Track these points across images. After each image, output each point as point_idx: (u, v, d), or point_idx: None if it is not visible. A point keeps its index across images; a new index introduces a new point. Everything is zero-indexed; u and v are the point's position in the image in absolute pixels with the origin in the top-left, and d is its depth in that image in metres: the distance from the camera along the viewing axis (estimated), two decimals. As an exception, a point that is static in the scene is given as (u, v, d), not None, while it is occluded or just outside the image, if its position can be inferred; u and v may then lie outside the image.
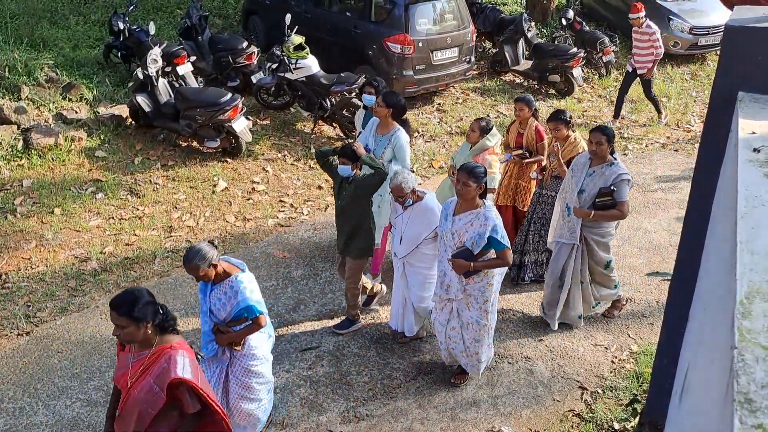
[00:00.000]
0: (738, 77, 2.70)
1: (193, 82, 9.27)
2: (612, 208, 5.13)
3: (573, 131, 5.99)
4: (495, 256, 4.58)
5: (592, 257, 5.45)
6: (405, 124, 6.11)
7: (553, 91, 11.27)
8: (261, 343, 4.31)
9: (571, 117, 5.98)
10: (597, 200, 5.13)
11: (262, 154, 8.70)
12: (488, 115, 8.58)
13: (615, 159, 5.26)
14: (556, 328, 5.71)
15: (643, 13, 9.61)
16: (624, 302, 6.02)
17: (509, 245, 4.54)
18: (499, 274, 4.79)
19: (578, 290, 5.57)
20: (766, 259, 1.60)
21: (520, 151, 6.33)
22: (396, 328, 5.54)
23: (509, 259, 4.58)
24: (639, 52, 9.75)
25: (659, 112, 10.38)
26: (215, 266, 4.01)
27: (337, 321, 5.75)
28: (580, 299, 5.62)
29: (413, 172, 8.45)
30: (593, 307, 5.79)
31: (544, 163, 6.28)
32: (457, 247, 4.56)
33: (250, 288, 4.09)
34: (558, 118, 5.88)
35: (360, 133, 6.45)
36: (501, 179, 6.40)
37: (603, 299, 5.81)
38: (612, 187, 5.10)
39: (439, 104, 10.64)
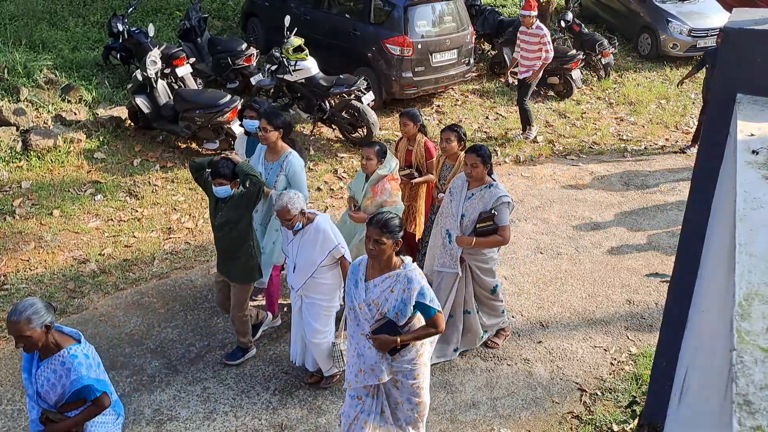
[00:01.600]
0: (736, 79, 2.70)
1: (192, 84, 9.28)
2: (493, 233, 4.81)
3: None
4: (424, 323, 3.84)
5: (478, 284, 5.14)
6: (294, 144, 5.56)
7: (552, 94, 11.28)
8: (106, 429, 3.59)
9: (465, 134, 5.63)
10: (478, 226, 4.80)
11: (262, 156, 8.70)
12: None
13: (494, 180, 4.93)
14: (456, 356, 5.35)
15: (535, 12, 8.98)
16: (509, 333, 5.65)
17: (440, 308, 3.83)
18: (430, 342, 4.09)
19: (468, 319, 5.24)
20: (764, 261, 1.60)
21: (408, 171, 5.89)
22: (298, 363, 5.05)
23: (442, 325, 3.84)
24: (526, 55, 9.10)
25: (529, 125, 9.52)
26: (47, 331, 3.33)
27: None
28: (473, 324, 5.29)
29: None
30: (481, 337, 5.41)
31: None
32: (377, 320, 3.76)
33: (87, 362, 3.39)
34: (453, 129, 5.53)
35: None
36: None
37: (490, 328, 5.45)
38: (492, 211, 4.77)
39: (438, 106, 10.65)
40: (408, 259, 3.82)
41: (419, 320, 3.83)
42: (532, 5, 8.92)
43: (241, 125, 5.87)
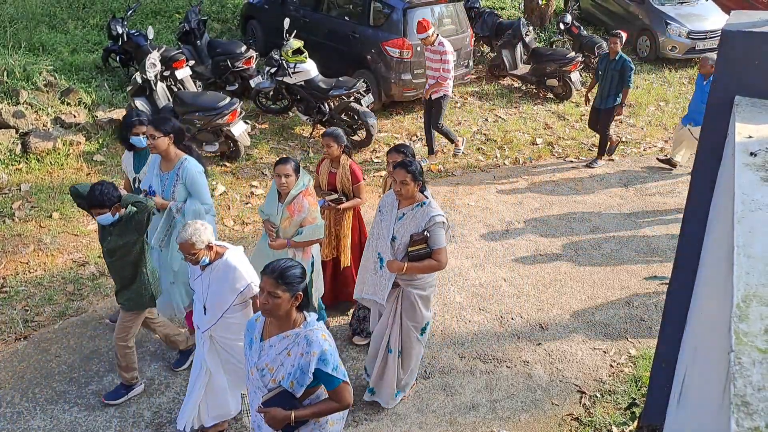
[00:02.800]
0: (735, 81, 2.71)
1: (191, 87, 9.29)
2: (427, 257, 4.30)
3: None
4: (327, 396, 3.19)
5: (411, 317, 4.55)
6: (191, 150, 5.11)
7: (551, 96, 11.30)
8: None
9: (413, 155, 5.10)
10: (410, 249, 4.32)
11: (261, 158, 8.71)
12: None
13: (426, 198, 4.43)
14: (397, 400, 4.88)
15: (431, 30, 8.28)
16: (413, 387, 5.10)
17: (346, 377, 3.17)
18: (339, 419, 3.47)
19: (387, 359, 4.68)
20: (762, 262, 1.60)
21: (335, 196, 5.42)
22: (194, 426, 4.39)
23: (348, 399, 3.19)
24: (432, 74, 8.54)
25: (452, 141, 9.11)
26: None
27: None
28: (389, 371, 4.72)
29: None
30: (394, 397, 4.84)
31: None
32: (270, 389, 3.14)
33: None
34: (399, 150, 5.05)
35: (134, 180, 5.36)
36: (326, 233, 5.43)
37: (404, 388, 4.90)
38: (425, 233, 4.29)
39: (438, 108, 10.65)
40: (312, 316, 3.20)
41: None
42: (426, 25, 8.25)
43: (130, 145, 5.27)
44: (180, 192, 4.91)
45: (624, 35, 8.79)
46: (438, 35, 8.39)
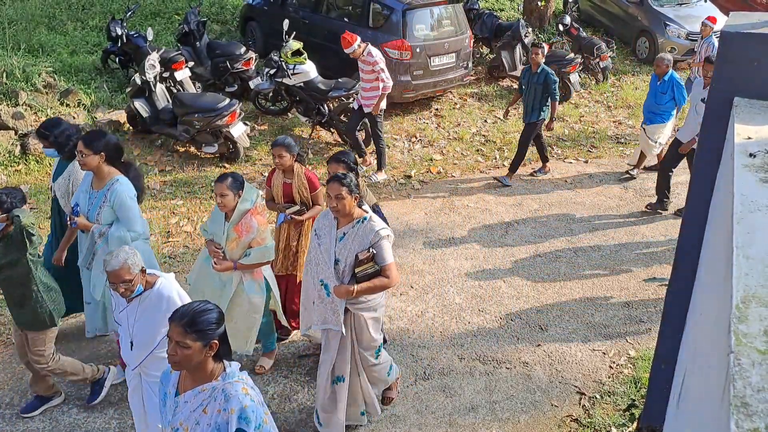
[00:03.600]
0: (734, 83, 2.71)
1: (190, 88, 9.29)
2: (377, 275, 4.06)
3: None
4: None
5: (362, 342, 4.31)
6: (129, 169, 4.73)
7: (551, 97, 11.30)
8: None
9: (355, 162, 4.75)
10: (357, 271, 4.03)
11: (260, 160, 8.71)
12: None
13: (367, 212, 4.16)
14: None
15: (356, 44, 7.74)
16: (398, 378, 4.96)
17: None
18: None
19: (357, 383, 4.46)
20: (762, 264, 1.60)
21: (296, 207, 5.16)
22: None
23: None
24: (364, 85, 8.03)
25: (379, 165, 8.43)
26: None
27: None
28: (361, 392, 4.51)
29: (411, 177, 8.46)
30: (361, 414, 4.59)
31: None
32: None
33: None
34: (339, 159, 4.70)
35: (51, 187, 5.13)
36: (280, 248, 5.25)
37: (372, 410, 4.64)
38: (371, 250, 4.03)
39: (437, 109, 10.66)
40: (233, 366, 2.82)
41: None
42: (351, 39, 7.75)
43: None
44: (106, 215, 4.52)
45: (546, 47, 8.35)
46: (368, 45, 7.87)
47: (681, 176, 8.79)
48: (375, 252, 4.04)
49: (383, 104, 8.13)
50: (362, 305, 4.19)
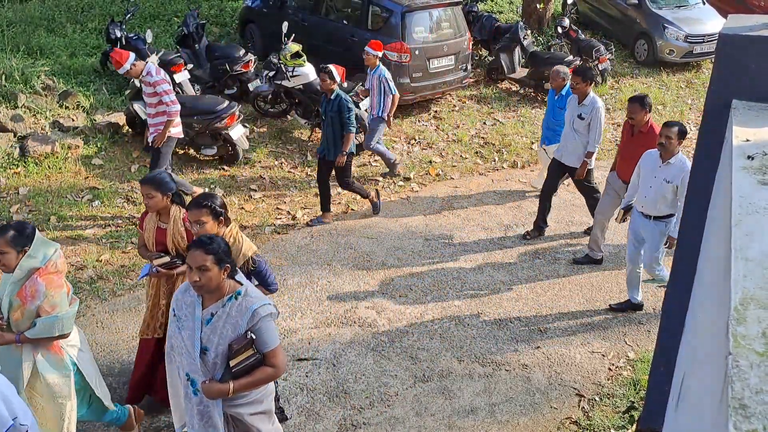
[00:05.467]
0: (732, 85, 2.71)
1: (190, 90, 9.29)
2: (258, 365, 3.20)
3: (225, 224, 3.93)
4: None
5: None
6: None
7: (550, 99, 11.32)
8: None
9: (222, 206, 3.95)
10: (232, 363, 3.16)
11: (259, 162, 8.71)
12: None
13: (241, 284, 3.29)
14: None
15: (130, 60, 6.64)
16: None
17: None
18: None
19: None
20: (760, 266, 1.60)
21: (166, 258, 4.26)
22: None
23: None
24: (149, 111, 6.91)
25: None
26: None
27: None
28: None
29: (410, 179, 8.47)
30: None
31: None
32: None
33: None
34: (202, 204, 3.86)
35: None
36: (147, 305, 4.46)
37: None
38: (249, 334, 3.16)
39: (436, 112, 10.67)
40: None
41: None
42: (119, 61, 6.61)
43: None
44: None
45: (335, 69, 7.09)
46: (146, 63, 6.76)
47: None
48: (254, 336, 3.17)
49: (178, 131, 6.96)
50: (242, 402, 3.34)
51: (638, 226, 5.82)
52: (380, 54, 8.30)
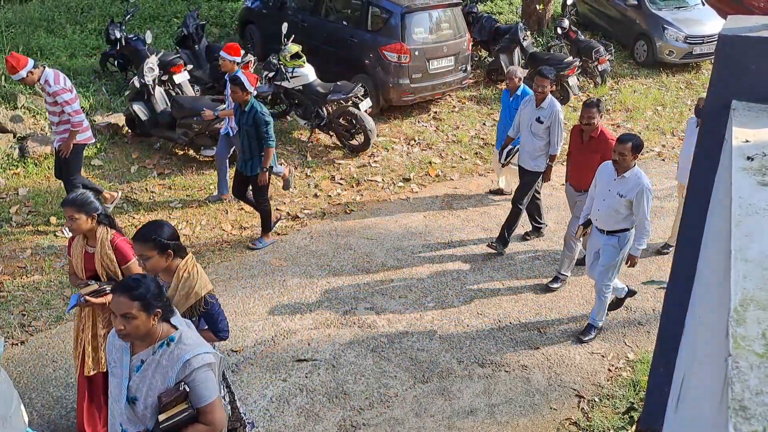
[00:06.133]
0: (732, 86, 2.71)
1: (189, 91, 9.29)
2: (192, 421, 2.84)
3: (179, 256, 3.54)
4: None
5: None
6: None
7: (549, 100, 11.31)
8: None
9: (172, 237, 3.51)
10: (161, 419, 2.81)
11: (259, 163, 8.70)
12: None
13: (176, 328, 2.93)
14: None
15: (28, 67, 6.24)
16: None
17: None
18: None
19: None
20: (760, 267, 1.60)
21: (94, 286, 3.86)
22: None
23: None
24: (52, 119, 6.62)
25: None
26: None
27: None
28: None
29: (410, 180, 8.47)
30: None
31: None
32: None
33: None
34: (145, 238, 3.41)
35: None
36: (83, 338, 4.12)
37: None
38: (182, 386, 2.82)
39: (436, 113, 10.67)
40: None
41: None
42: (15, 66, 6.23)
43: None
44: None
45: (245, 78, 6.60)
46: (44, 68, 6.36)
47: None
48: (188, 389, 2.82)
49: (86, 136, 6.65)
50: None
51: (594, 240, 5.64)
52: (238, 59, 7.33)
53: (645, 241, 5.38)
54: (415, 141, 9.67)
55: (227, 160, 7.76)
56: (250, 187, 6.86)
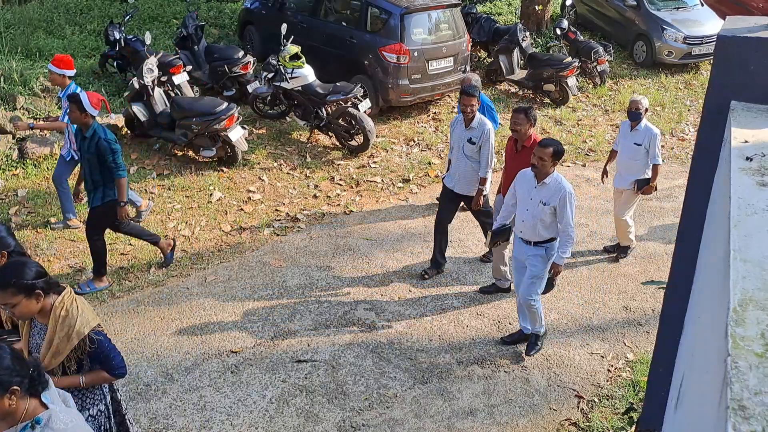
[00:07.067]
0: (731, 86, 2.72)
1: (189, 92, 9.29)
2: None
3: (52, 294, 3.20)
4: None
5: None
6: None
7: (548, 101, 11.33)
8: None
9: (49, 283, 3.17)
10: None
11: (258, 164, 8.71)
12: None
13: (46, 407, 2.57)
14: None
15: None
16: None
17: None
18: None
19: None
20: (759, 267, 1.61)
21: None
22: None
23: None
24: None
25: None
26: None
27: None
28: None
29: (410, 181, 8.48)
30: None
31: None
32: None
33: None
34: (7, 284, 3.02)
35: None
36: None
37: None
38: None
39: (435, 113, 10.67)
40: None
41: None
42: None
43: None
44: None
45: (86, 98, 5.69)
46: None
47: (679, 179, 8.79)
48: None
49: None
50: None
51: (518, 252, 5.40)
52: (69, 72, 6.68)
53: (569, 249, 5.14)
54: (414, 142, 9.67)
55: (67, 181, 6.92)
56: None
